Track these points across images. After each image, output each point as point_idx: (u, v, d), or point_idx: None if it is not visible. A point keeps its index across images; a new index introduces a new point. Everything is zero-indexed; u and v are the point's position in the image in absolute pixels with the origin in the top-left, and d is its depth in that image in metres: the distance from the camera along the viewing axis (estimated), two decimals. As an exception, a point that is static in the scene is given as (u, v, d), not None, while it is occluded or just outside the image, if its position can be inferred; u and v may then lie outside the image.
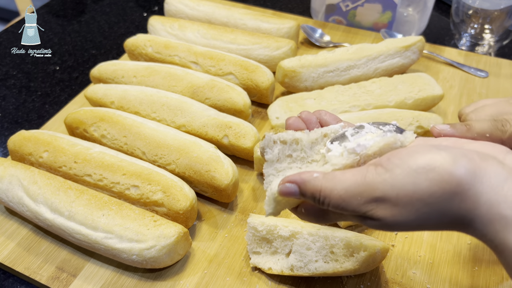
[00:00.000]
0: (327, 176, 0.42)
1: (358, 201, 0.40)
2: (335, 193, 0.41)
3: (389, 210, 0.40)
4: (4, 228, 0.74)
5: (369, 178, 0.40)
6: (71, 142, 0.76)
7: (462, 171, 0.38)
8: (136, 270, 0.67)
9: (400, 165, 0.39)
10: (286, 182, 0.44)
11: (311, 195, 0.43)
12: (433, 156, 0.39)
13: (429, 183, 0.38)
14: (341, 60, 0.91)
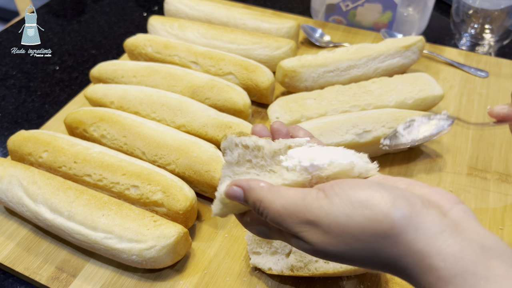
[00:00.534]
0: (271, 189, 0.42)
1: (293, 220, 0.40)
2: (273, 207, 0.41)
3: (320, 236, 0.39)
4: (4, 228, 0.73)
5: (307, 200, 0.40)
6: (70, 142, 0.76)
7: (398, 214, 0.37)
8: (136, 270, 0.67)
9: (340, 195, 0.39)
10: (233, 185, 0.44)
11: (252, 203, 0.43)
12: (373, 193, 0.38)
13: (362, 219, 0.37)
14: (341, 60, 0.91)
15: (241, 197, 0.44)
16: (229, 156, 0.48)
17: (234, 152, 0.48)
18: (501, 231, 0.71)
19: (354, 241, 0.38)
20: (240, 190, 0.44)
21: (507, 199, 0.75)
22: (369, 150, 0.80)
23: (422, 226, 0.36)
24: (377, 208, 0.37)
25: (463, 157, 0.82)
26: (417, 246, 0.36)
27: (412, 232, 0.36)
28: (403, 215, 0.37)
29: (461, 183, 0.78)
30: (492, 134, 0.87)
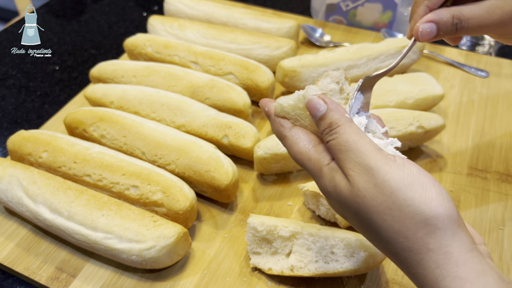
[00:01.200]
0: (352, 123, 0.43)
1: (355, 157, 0.41)
2: (346, 136, 0.42)
3: (368, 185, 0.40)
4: (4, 228, 0.73)
5: (379, 154, 0.40)
6: (70, 142, 0.76)
7: (448, 212, 0.38)
8: (136, 270, 0.67)
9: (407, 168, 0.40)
10: (321, 98, 0.45)
11: (329, 123, 0.44)
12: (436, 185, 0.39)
13: (416, 195, 0.38)
14: (342, 60, 0.91)
15: (321, 112, 0.44)
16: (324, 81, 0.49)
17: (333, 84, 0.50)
18: (501, 231, 0.71)
19: (397, 209, 0.38)
20: (325, 106, 0.45)
21: (507, 199, 0.75)
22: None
23: (459, 236, 0.38)
24: (433, 195, 0.38)
25: (463, 157, 0.82)
26: (448, 248, 0.37)
27: (450, 234, 0.37)
28: (450, 216, 0.38)
29: (461, 183, 0.78)
30: (492, 134, 0.87)
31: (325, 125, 0.44)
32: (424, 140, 0.82)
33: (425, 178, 0.39)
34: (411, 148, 0.84)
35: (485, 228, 0.71)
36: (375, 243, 0.42)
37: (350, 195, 0.41)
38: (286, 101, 0.48)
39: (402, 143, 0.80)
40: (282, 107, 0.49)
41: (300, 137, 0.47)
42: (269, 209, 0.76)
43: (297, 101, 0.47)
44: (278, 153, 0.75)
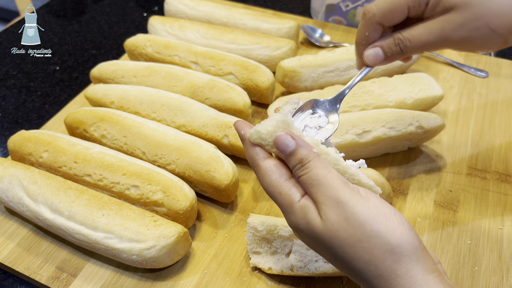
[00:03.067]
0: (320, 158, 0.46)
1: (326, 191, 0.43)
2: (316, 171, 0.44)
3: (339, 218, 0.42)
4: (4, 228, 0.74)
5: (346, 187, 0.43)
6: (71, 142, 0.76)
7: (410, 240, 0.42)
8: (136, 270, 0.67)
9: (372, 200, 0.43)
10: (288, 134, 0.47)
11: (299, 159, 0.46)
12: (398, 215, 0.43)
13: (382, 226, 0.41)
14: (341, 60, 0.91)
15: (290, 148, 0.46)
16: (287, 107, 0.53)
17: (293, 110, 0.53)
18: (500, 231, 0.71)
19: (366, 240, 0.41)
20: (294, 142, 0.46)
21: (506, 199, 0.75)
22: (369, 150, 0.80)
23: (422, 260, 0.42)
24: (396, 225, 0.42)
25: (462, 157, 0.83)
26: (413, 272, 0.41)
27: (414, 260, 0.41)
28: (413, 243, 0.42)
29: (461, 183, 0.78)
30: (492, 134, 0.87)
31: (296, 161, 0.46)
32: (423, 140, 0.82)
33: (387, 209, 0.43)
34: (410, 148, 0.84)
35: (484, 228, 0.71)
36: (348, 272, 0.45)
37: (324, 230, 0.43)
38: (264, 127, 0.48)
39: (402, 143, 0.80)
40: (259, 134, 0.48)
41: (273, 169, 0.47)
42: (269, 209, 0.76)
43: (276, 126, 0.47)
44: (278, 153, 0.75)
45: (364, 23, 0.57)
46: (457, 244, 0.69)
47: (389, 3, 0.55)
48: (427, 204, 0.75)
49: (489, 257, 0.67)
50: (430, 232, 0.71)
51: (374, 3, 0.56)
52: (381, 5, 0.55)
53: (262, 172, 0.48)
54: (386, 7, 0.55)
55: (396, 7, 0.55)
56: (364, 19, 0.57)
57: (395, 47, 0.56)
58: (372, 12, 0.56)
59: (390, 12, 0.55)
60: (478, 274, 0.65)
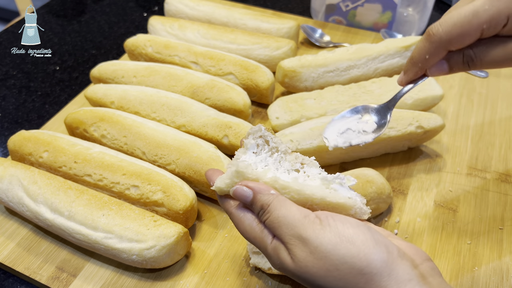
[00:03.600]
0: (279, 197, 0.47)
1: (288, 231, 0.44)
2: (276, 213, 0.45)
3: (306, 254, 0.43)
4: (4, 228, 0.74)
5: (306, 220, 0.44)
6: (71, 142, 0.76)
7: (376, 256, 0.41)
8: (136, 270, 0.67)
9: (331, 226, 0.43)
10: (244, 185, 0.48)
11: (260, 205, 0.47)
12: (359, 233, 0.43)
13: (345, 251, 0.42)
14: (341, 60, 0.91)
15: (249, 198, 0.47)
16: (249, 141, 0.52)
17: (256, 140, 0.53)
18: (500, 231, 0.71)
19: (334, 269, 0.42)
20: (250, 191, 0.47)
21: (506, 199, 0.75)
22: (369, 150, 0.80)
23: (395, 272, 0.41)
24: (360, 246, 0.42)
25: (463, 157, 0.83)
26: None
27: (386, 275, 0.41)
28: (380, 258, 0.41)
29: (461, 183, 0.78)
30: (492, 134, 0.87)
31: (258, 208, 0.47)
32: (423, 140, 0.82)
33: (349, 230, 0.43)
34: (410, 148, 0.84)
35: (484, 228, 0.71)
36: None
37: (296, 268, 0.44)
38: (222, 181, 0.50)
39: (402, 143, 0.80)
40: (220, 188, 0.50)
41: (245, 216, 0.49)
42: (269, 209, 0.76)
43: (232, 177, 0.49)
44: (278, 153, 0.75)
45: (427, 45, 0.51)
46: (457, 244, 0.69)
47: (459, 27, 0.48)
48: (427, 204, 0.75)
49: (489, 257, 0.67)
50: (430, 232, 0.71)
51: (441, 25, 0.49)
52: (449, 29, 0.48)
53: (236, 221, 0.50)
54: (455, 31, 0.48)
55: (468, 31, 0.48)
56: (428, 41, 0.51)
57: (462, 64, 0.52)
58: (439, 35, 0.49)
59: (460, 37, 0.49)
60: (478, 274, 0.65)
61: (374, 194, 0.69)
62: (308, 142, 0.75)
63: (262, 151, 0.53)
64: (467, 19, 0.47)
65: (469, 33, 0.48)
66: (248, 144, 0.52)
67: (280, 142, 0.53)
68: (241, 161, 0.49)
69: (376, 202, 0.69)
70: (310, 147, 0.75)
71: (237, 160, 0.51)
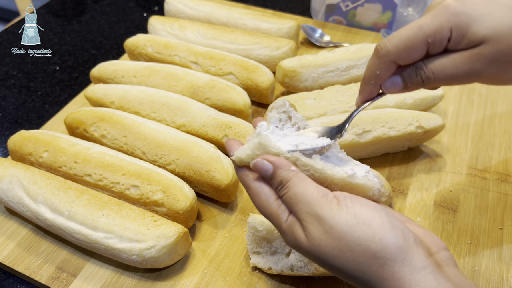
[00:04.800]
0: (299, 174, 0.46)
1: (305, 208, 0.44)
2: (295, 189, 0.45)
3: (320, 232, 0.43)
4: (4, 228, 0.74)
5: (323, 199, 0.44)
6: (71, 142, 0.76)
7: (392, 241, 0.41)
8: (136, 270, 0.67)
9: (349, 207, 0.43)
10: (264, 159, 0.47)
11: (279, 181, 0.47)
12: (377, 216, 0.43)
13: (361, 233, 0.42)
14: (341, 60, 0.91)
15: (269, 172, 0.47)
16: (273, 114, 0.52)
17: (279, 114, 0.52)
18: (500, 231, 0.71)
19: (347, 250, 0.42)
20: (270, 166, 0.47)
21: (506, 199, 0.75)
22: (369, 150, 0.80)
23: (409, 258, 0.41)
24: (376, 229, 0.42)
25: (463, 157, 0.83)
26: (400, 274, 0.41)
27: (399, 261, 0.41)
28: (396, 244, 0.41)
29: (461, 183, 0.78)
30: (492, 134, 0.87)
31: (277, 183, 0.47)
32: (423, 140, 0.82)
33: (367, 213, 0.43)
34: (410, 148, 0.84)
35: (484, 228, 0.71)
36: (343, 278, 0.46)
37: (309, 246, 0.44)
38: (243, 152, 0.49)
39: (402, 143, 0.80)
40: (241, 159, 0.49)
41: (263, 190, 0.49)
42: (269, 209, 0.76)
43: (254, 149, 0.48)
44: (278, 153, 0.75)
45: (376, 61, 0.52)
46: (457, 244, 0.69)
47: (405, 40, 0.50)
48: (427, 204, 0.75)
49: (489, 257, 0.67)
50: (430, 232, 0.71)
51: (388, 40, 0.51)
52: (396, 43, 0.50)
53: (253, 194, 0.49)
54: (402, 44, 0.50)
55: (413, 44, 0.49)
56: (376, 57, 0.52)
57: (416, 76, 0.52)
58: (386, 49, 0.51)
59: (407, 50, 0.50)
60: (478, 274, 0.65)
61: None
62: (308, 142, 0.75)
63: (284, 126, 0.53)
64: (412, 32, 0.49)
65: (416, 46, 0.50)
66: (272, 118, 0.52)
67: (301, 119, 0.53)
68: (264, 134, 0.48)
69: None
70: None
71: (260, 132, 0.50)
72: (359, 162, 0.53)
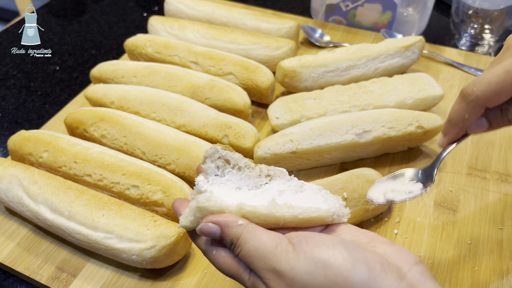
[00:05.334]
0: (248, 228, 0.44)
1: (261, 264, 0.42)
2: (247, 246, 0.43)
3: (282, 286, 0.41)
4: (4, 228, 0.74)
5: (278, 250, 0.42)
6: (71, 142, 0.76)
7: (357, 278, 0.39)
8: (136, 270, 0.67)
9: (306, 252, 0.41)
10: (209, 221, 0.44)
11: (230, 240, 0.44)
12: (336, 254, 0.40)
13: (323, 279, 0.39)
14: (341, 60, 0.91)
15: (217, 234, 0.44)
16: (208, 165, 0.49)
17: (215, 163, 0.49)
18: (500, 231, 0.71)
19: None
20: (216, 227, 0.44)
21: (506, 199, 0.75)
22: (369, 150, 0.80)
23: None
24: (338, 270, 0.39)
25: (463, 157, 0.83)
26: None
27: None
28: (361, 279, 0.39)
29: (461, 183, 0.78)
30: (492, 134, 0.87)
31: (229, 242, 0.44)
32: (423, 140, 0.82)
33: (324, 253, 0.40)
34: (410, 148, 0.84)
35: (484, 228, 0.71)
36: None
37: None
38: (186, 219, 0.46)
39: (402, 143, 0.80)
40: (187, 227, 0.47)
41: (218, 253, 0.46)
42: (269, 209, 0.76)
43: (195, 214, 0.45)
44: (278, 153, 0.75)
45: (464, 106, 0.54)
46: (457, 244, 0.69)
47: (493, 85, 0.50)
48: (427, 204, 0.75)
49: (489, 257, 0.67)
50: (430, 232, 0.71)
51: (475, 85, 0.52)
52: (484, 88, 0.51)
53: (210, 258, 0.47)
54: (491, 89, 0.50)
55: (502, 88, 0.50)
56: (465, 102, 0.53)
57: (502, 117, 0.54)
58: (475, 95, 0.52)
59: (496, 95, 0.51)
60: (478, 274, 0.65)
61: (374, 194, 0.69)
62: (308, 142, 0.75)
63: (225, 171, 0.49)
64: (501, 77, 0.50)
65: (504, 90, 0.50)
66: (208, 169, 0.48)
67: (240, 158, 0.50)
68: (202, 195, 0.45)
69: (376, 202, 0.69)
70: (310, 147, 0.75)
71: (198, 192, 0.47)
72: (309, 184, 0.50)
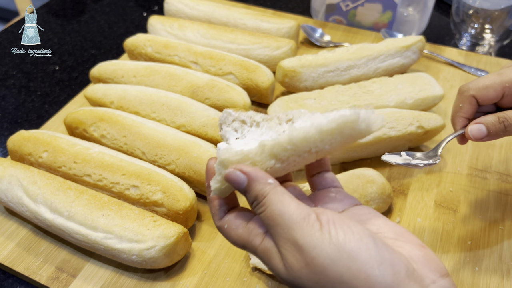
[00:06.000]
0: (278, 189, 0.41)
1: (284, 232, 0.39)
2: (272, 208, 0.40)
3: (300, 265, 0.38)
4: (4, 228, 0.73)
5: (304, 223, 0.39)
6: (70, 142, 0.76)
7: (380, 279, 0.36)
8: (136, 270, 0.67)
9: (332, 236, 0.38)
10: (237, 169, 0.41)
11: (255, 196, 0.41)
12: (363, 248, 0.37)
13: (345, 270, 0.37)
14: (341, 60, 0.91)
15: (243, 185, 0.41)
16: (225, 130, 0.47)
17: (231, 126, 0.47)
18: (500, 231, 0.71)
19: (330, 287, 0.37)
20: (245, 177, 0.41)
21: (507, 199, 0.75)
22: (369, 150, 0.80)
23: None
24: (362, 266, 0.37)
25: (463, 157, 0.82)
26: None
27: None
28: (385, 282, 0.36)
29: (461, 183, 0.78)
30: (492, 134, 0.87)
31: (252, 198, 0.42)
32: (424, 140, 0.82)
33: (352, 244, 0.38)
34: (410, 148, 0.84)
35: (485, 228, 0.71)
36: None
37: (288, 277, 0.40)
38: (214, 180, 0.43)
39: (402, 143, 0.80)
40: (220, 190, 0.44)
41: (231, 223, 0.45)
42: (269, 209, 0.76)
43: (220, 171, 0.42)
44: (278, 153, 0.75)
45: (458, 97, 0.63)
46: (457, 244, 0.69)
47: (484, 80, 0.60)
48: (428, 204, 0.75)
49: (489, 257, 0.67)
50: (431, 232, 0.71)
51: (470, 82, 0.62)
52: (475, 82, 0.61)
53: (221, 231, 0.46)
54: (481, 83, 0.60)
55: (491, 85, 0.60)
56: (459, 93, 0.63)
57: (499, 124, 0.59)
58: (467, 86, 0.61)
59: (485, 89, 0.60)
60: (479, 274, 0.65)
61: (375, 194, 0.69)
62: (308, 142, 0.75)
63: (244, 132, 0.46)
64: (492, 77, 0.60)
65: (493, 86, 0.59)
66: (226, 133, 0.46)
67: (255, 114, 0.47)
68: (221, 149, 0.42)
69: (376, 202, 0.69)
70: (310, 147, 0.75)
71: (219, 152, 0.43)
72: None
